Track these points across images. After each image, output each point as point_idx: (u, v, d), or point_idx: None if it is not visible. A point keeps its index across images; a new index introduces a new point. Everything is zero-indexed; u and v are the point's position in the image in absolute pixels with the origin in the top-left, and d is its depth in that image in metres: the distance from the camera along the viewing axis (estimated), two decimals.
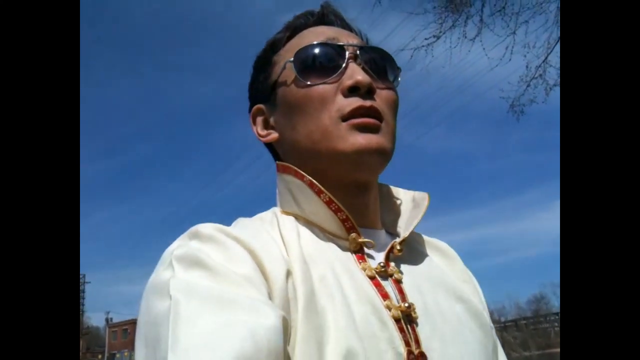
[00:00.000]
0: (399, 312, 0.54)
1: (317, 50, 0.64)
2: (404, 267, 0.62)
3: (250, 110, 0.73)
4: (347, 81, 0.61)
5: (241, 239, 0.53)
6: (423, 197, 0.68)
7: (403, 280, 0.59)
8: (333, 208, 0.60)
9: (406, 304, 0.55)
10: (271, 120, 0.69)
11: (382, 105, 0.62)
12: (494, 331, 0.64)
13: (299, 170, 0.63)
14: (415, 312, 0.55)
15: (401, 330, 0.53)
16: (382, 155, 0.61)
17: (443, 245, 0.73)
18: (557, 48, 5.46)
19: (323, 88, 0.62)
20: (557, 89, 5.62)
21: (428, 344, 0.53)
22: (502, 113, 6.27)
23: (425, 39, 5.66)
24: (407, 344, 0.52)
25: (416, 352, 0.52)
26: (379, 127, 0.61)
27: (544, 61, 5.73)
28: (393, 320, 0.53)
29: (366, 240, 0.61)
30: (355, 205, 0.62)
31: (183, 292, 0.45)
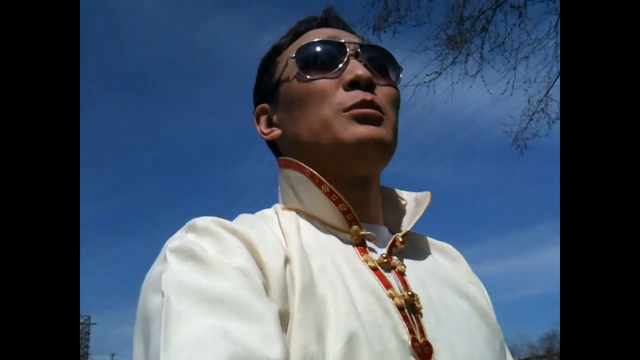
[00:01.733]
0: (402, 301, 0.53)
1: (318, 47, 0.65)
2: (407, 262, 0.61)
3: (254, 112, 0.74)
4: (348, 76, 0.62)
5: (237, 230, 0.53)
6: (425, 196, 0.68)
7: (406, 273, 0.58)
8: (334, 199, 0.60)
9: (409, 293, 0.54)
10: (274, 118, 0.70)
11: (383, 101, 0.63)
12: (501, 334, 0.62)
13: (299, 163, 0.63)
14: (419, 303, 0.54)
15: (405, 319, 0.52)
16: (383, 146, 0.61)
17: (448, 247, 0.72)
18: (558, 82, 5.51)
19: (324, 82, 0.63)
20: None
21: (433, 334, 0.52)
22: (505, 147, 6.28)
23: (427, 74, 5.73)
24: (412, 332, 0.51)
25: (421, 340, 0.51)
26: (381, 119, 0.61)
27: (545, 95, 5.77)
28: (397, 308, 0.52)
29: (368, 232, 0.60)
30: (356, 200, 0.61)
31: (174, 289, 0.45)
